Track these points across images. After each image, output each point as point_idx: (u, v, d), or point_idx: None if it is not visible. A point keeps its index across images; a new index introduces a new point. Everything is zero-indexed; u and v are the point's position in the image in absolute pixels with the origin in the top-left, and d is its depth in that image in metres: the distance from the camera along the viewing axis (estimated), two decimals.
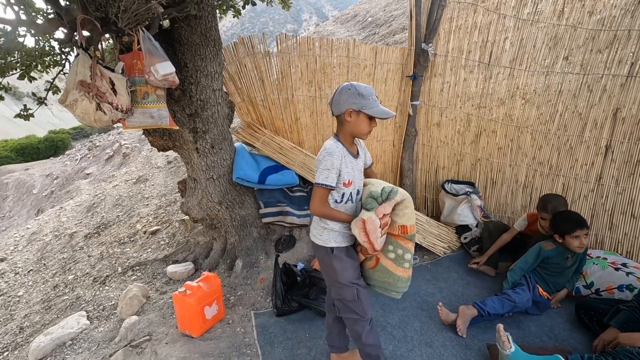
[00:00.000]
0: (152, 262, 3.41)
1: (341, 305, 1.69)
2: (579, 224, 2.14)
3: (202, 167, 2.87)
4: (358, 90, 1.51)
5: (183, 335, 2.23)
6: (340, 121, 1.58)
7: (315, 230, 1.67)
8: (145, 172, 6.40)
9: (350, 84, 1.54)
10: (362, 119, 1.54)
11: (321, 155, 1.54)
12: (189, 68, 2.59)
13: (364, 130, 1.57)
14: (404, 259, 1.55)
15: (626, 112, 2.49)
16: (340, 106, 1.54)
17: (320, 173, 1.52)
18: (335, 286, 1.67)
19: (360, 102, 1.51)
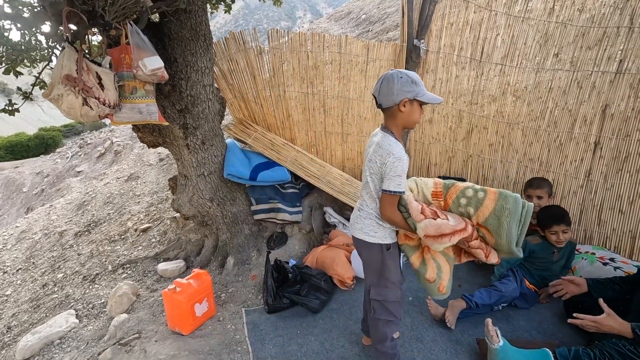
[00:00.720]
0: (142, 260, 3.38)
1: (379, 307, 1.65)
2: (556, 219, 2.16)
3: (193, 163, 2.85)
4: (411, 77, 1.44)
5: (173, 333, 2.22)
6: (392, 113, 1.49)
7: (367, 227, 1.60)
8: (137, 169, 6.33)
9: (399, 71, 1.45)
10: (416, 107, 1.48)
11: (388, 160, 1.44)
12: (178, 63, 2.56)
13: (417, 120, 1.51)
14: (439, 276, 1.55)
15: (614, 108, 2.51)
16: (395, 96, 1.43)
17: (392, 180, 1.45)
18: (382, 285, 1.62)
19: (414, 89, 1.44)
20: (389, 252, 1.59)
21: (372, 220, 1.59)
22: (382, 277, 1.61)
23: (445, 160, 3.29)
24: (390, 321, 1.66)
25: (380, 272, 1.61)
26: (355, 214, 1.68)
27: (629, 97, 2.47)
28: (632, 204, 2.48)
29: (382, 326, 1.67)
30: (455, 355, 1.91)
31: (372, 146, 1.55)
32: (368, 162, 1.55)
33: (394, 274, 1.61)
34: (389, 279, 1.60)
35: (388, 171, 1.45)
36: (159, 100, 2.55)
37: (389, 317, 1.65)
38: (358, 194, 3.14)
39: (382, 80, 1.47)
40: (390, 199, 1.48)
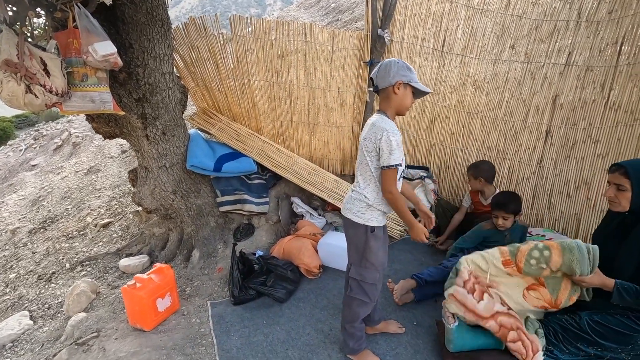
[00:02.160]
0: (103, 256, 3.24)
1: (356, 286, 1.71)
2: (497, 205, 2.30)
3: (154, 155, 2.74)
4: (407, 65, 1.56)
5: (134, 330, 2.15)
6: (387, 95, 1.58)
7: (356, 208, 1.64)
8: (97, 162, 6.03)
9: (396, 59, 1.57)
10: (408, 92, 1.58)
11: (382, 136, 1.49)
12: (134, 49, 2.43)
13: (408, 105, 1.60)
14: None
15: (564, 98, 2.65)
16: (391, 78, 1.53)
17: (390, 154, 1.49)
18: (362, 265, 1.67)
19: (409, 75, 1.55)
20: (373, 234, 1.63)
21: (362, 201, 1.62)
22: (364, 258, 1.66)
23: (410, 150, 3.37)
24: (364, 302, 1.71)
25: (362, 252, 1.66)
26: (348, 194, 1.73)
27: (576, 88, 2.62)
28: (577, 188, 2.66)
29: (356, 306, 1.72)
30: (416, 337, 1.99)
31: (366, 127, 1.62)
32: (363, 140, 1.59)
33: (376, 256, 1.65)
34: (369, 260, 1.65)
35: (383, 147, 1.50)
36: (113, 89, 2.43)
37: (363, 298, 1.70)
38: (325, 184, 3.15)
39: (380, 64, 1.58)
40: (389, 173, 1.52)
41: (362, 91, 3.27)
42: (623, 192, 1.61)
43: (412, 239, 1.64)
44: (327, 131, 3.43)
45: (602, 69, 2.53)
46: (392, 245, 2.96)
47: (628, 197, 1.60)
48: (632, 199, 1.60)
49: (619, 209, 1.66)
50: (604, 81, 2.53)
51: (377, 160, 1.55)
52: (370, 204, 1.61)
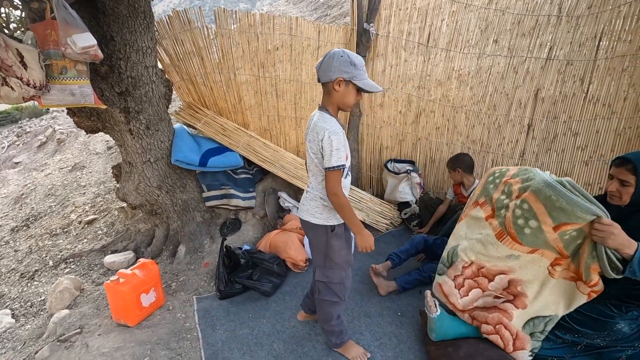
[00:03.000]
0: (88, 253, 3.20)
1: (324, 288, 1.68)
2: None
3: (137, 149, 2.71)
4: (351, 59, 1.41)
5: (118, 326, 2.14)
6: (327, 90, 1.49)
7: (313, 209, 1.59)
8: (82, 159, 5.93)
9: (342, 50, 1.43)
10: (351, 90, 1.46)
11: (324, 137, 1.42)
12: (116, 42, 2.39)
13: (351, 102, 1.50)
14: None
15: (545, 92, 2.70)
16: (331, 73, 1.42)
17: (332, 155, 1.42)
18: (327, 266, 1.63)
19: (351, 71, 1.42)
20: (334, 233, 1.59)
21: (317, 201, 1.58)
22: (327, 259, 1.62)
23: (396, 144, 3.39)
24: (335, 302, 1.69)
25: (325, 253, 1.62)
26: (303, 196, 1.68)
27: (557, 82, 2.67)
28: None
29: (327, 306, 1.71)
30: (400, 327, 2.01)
31: (310, 128, 1.55)
32: (308, 142, 1.55)
33: (338, 255, 1.62)
34: (333, 260, 1.62)
35: (325, 147, 1.43)
36: (95, 82, 2.39)
37: (333, 298, 1.68)
38: None
39: (325, 55, 1.46)
40: (333, 175, 1.46)
41: None
42: (627, 187, 1.53)
43: (359, 247, 1.56)
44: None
45: (581, 63, 2.58)
46: (378, 238, 2.98)
47: (631, 192, 1.53)
48: (633, 194, 1.53)
49: (618, 202, 1.58)
50: (584, 75, 2.58)
51: (322, 161, 1.50)
52: (327, 204, 1.57)
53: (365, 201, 3.18)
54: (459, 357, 1.62)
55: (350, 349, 1.83)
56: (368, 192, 3.40)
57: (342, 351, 1.83)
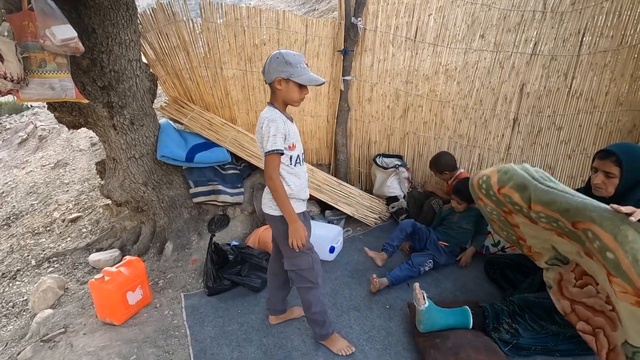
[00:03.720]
0: (72, 252, 3.13)
1: (295, 276, 1.72)
2: (453, 191, 2.52)
3: (122, 145, 2.65)
4: (286, 59, 1.50)
5: (104, 324, 2.10)
6: (272, 89, 1.59)
7: (270, 202, 1.64)
8: (65, 155, 5.78)
9: (278, 52, 1.53)
10: (292, 87, 1.54)
11: (263, 125, 1.52)
12: (97, 34, 2.33)
13: (295, 98, 1.57)
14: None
15: (530, 87, 2.74)
16: (270, 74, 1.53)
17: (268, 141, 1.50)
18: (292, 255, 1.67)
19: (288, 70, 1.50)
20: None
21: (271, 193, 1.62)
22: (289, 248, 1.63)
23: (384, 138, 3.40)
24: (309, 287, 1.72)
25: (286, 243, 1.63)
26: (265, 190, 1.72)
27: (541, 77, 2.71)
28: None
29: (304, 293, 1.74)
30: (388, 320, 2.03)
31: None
32: (257, 135, 1.62)
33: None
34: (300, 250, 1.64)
35: (264, 133, 1.51)
36: (76, 76, 2.32)
37: (307, 284, 1.71)
38: None
39: (267, 58, 1.56)
40: (270, 159, 1.52)
41: (337, 80, 3.26)
42: (611, 179, 1.57)
43: (289, 239, 1.57)
44: (302, 120, 3.41)
45: (565, 59, 2.63)
46: (367, 232, 3.00)
47: (615, 183, 1.57)
48: (618, 185, 1.57)
49: (604, 194, 1.61)
50: (567, 70, 2.62)
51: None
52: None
53: (354, 196, 3.19)
54: (447, 347, 1.65)
55: (335, 342, 1.83)
56: (357, 186, 3.41)
57: (327, 344, 1.84)
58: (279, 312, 2.03)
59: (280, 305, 2.01)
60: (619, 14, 2.40)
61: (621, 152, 1.55)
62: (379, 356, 1.80)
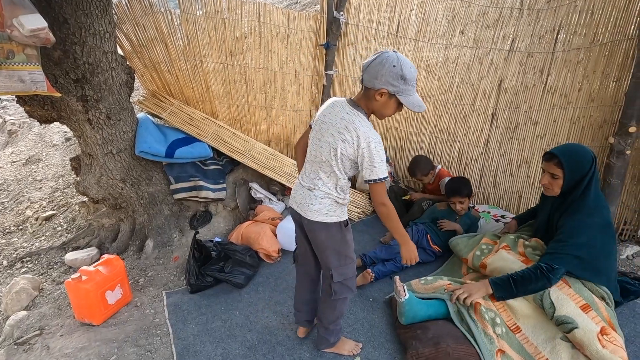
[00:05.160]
0: (46, 251, 3.02)
1: (340, 287, 1.57)
2: (453, 192, 2.50)
3: (98, 140, 2.57)
4: (403, 72, 1.28)
5: (82, 325, 2.05)
6: (368, 95, 1.36)
7: (326, 208, 1.47)
8: (37, 151, 5.55)
9: (396, 56, 1.29)
10: (393, 103, 1.35)
11: (371, 146, 1.34)
12: (70, 25, 2.23)
13: (388, 114, 1.40)
14: None
15: (507, 83, 2.81)
16: (376, 81, 1.30)
17: (379, 166, 1.35)
18: (343, 263, 1.54)
19: (400, 86, 1.29)
20: (347, 228, 1.54)
21: (331, 199, 1.47)
22: (342, 256, 1.54)
23: None
24: (346, 298, 1.64)
25: (340, 251, 1.53)
26: (306, 194, 1.50)
27: (519, 73, 2.78)
28: (519, 167, 2.86)
29: (341, 305, 1.64)
30: (371, 312, 2.06)
31: (336, 121, 1.40)
32: (329, 137, 1.40)
33: (351, 248, 1.58)
34: (348, 256, 1.56)
35: (373, 157, 1.34)
36: (47, 68, 2.22)
37: (348, 294, 1.62)
38: (284, 168, 3.13)
39: (377, 57, 1.31)
40: (380, 186, 1.39)
41: (320, 74, 3.25)
42: (556, 180, 1.72)
43: (403, 259, 1.54)
44: (285, 115, 3.39)
45: (541, 55, 2.70)
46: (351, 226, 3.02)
47: (560, 184, 1.72)
48: (562, 185, 1.72)
49: (551, 194, 1.78)
50: (543, 67, 2.70)
51: (350, 164, 1.42)
52: (340, 201, 1.49)
53: None
54: (428, 338, 1.69)
55: (344, 345, 1.79)
56: None
57: (336, 349, 1.78)
58: (309, 324, 1.87)
59: (311, 314, 1.85)
60: (591, 13, 2.48)
61: (562, 155, 1.70)
62: (362, 348, 1.83)
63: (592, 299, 1.62)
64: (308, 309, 1.83)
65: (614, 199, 2.44)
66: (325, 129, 1.43)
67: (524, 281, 1.64)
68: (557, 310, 1.58)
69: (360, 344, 1.82)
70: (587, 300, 1.60)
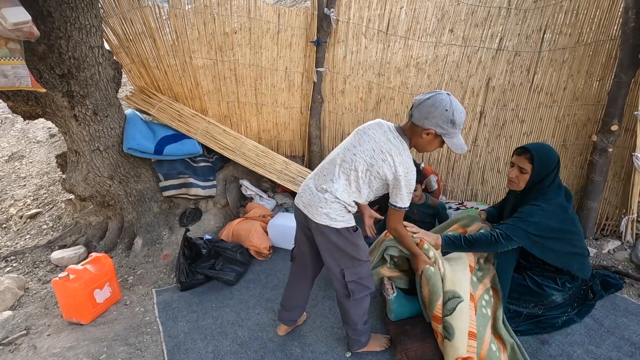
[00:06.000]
0: (32, 250, 2.97)
1: (356, 287, 1.57)
2: None
3: (85, 137, 2.53)
4: (454, 117, 1.34)
5: (70, 324, 2.02)
6: (415, 130, 1.41)
7: (335, 214, 1.46)
8: (21, 147, 5.41)
9: (450, 100, 1.35)
10: (437, 142, 1.43)
11: (409, 175, 1.42)
12: (54, 18, 2.18)
13: (428, 150, 1.50)
14: None
15: (495, 81, 2.85)
16: (426, 121, 1.36)
17: (407, 196, 1.45)
18: (355, 265, 1.55)
19: (447, 130, 1.36)
20: (357, 232, 1.54)
21: (341, 204, 1.47)
22: (354, 258, 1.54)
23: None
24: (366, 296, 1.63)
25: (350, 254, 1.53)
26: (315, 195, 1.49)
27: (506, 72, 2.82)
28: (506, 164, 2.92)
29: (363, 302, 1.64)
30: None
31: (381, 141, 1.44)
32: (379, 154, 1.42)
33: (365, 251, 1.58)
34: (359, 258, 1.56)
35: (404, 185, 1.42)
36: (31, 63, 2.17)
37: (366, 292, 1.61)
38: (275, 165, 3.12)
39: (431, 96, 1.36)
40: (399, 214, 1.51)
41: (310, 71, 3.25)
42: (524, 174, 1.76)
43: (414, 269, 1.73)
44: (275, 112, 3.38)
45: (528, 55, 2.74)
46: None
47: (526, 179, 1.76)
48: (528, 181, 1.76)
49: (516, 188, 1.81)
50: (530, 66, 2.75)
51: (379, 183, 1.46)
52: (349, 208, 1.50)
53: None
54: (416, 333, 1.72)
55: (374, 342, 1.77)
56: None
57: (369, 348, 1.75)
58: (292, 323, 1.88)
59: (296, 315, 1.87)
60: (576, 14, 2.53)
61: (535, 151, 1.75)
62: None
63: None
64: (299, 310, 1.85)
65: (597, 195, 2.51)
66: (367, 141, 1.46)
67: (477, 243, 1.77)
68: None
69: (388, 335, 1.81)
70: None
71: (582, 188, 2.57)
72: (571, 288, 1.80)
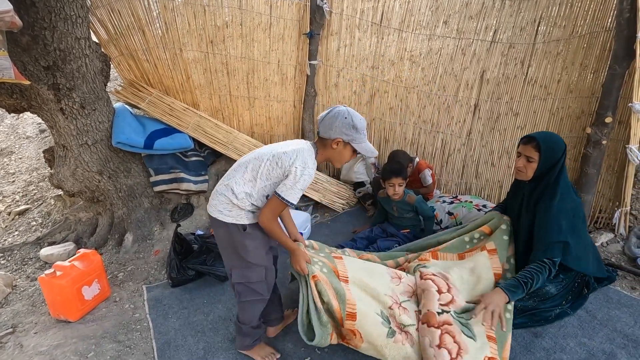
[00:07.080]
0: (20, 247, 2.92)
1: (243, 289, 1.55)
2: (392, 172, 2.36)
3: (72, 131, 2.47)
4: (354, 122, 1.44)
5: (58, 322, 1.98)
6: (324, 143, 1.50)
7: (221, 206, 1.47)
8: (9, 143, 5.32)
9: (347, 110, 1.46)
10: (348, 150, 1.51)
11: (299, 171, 1.40)
12: (38, 8, 2.12)
13: (344, 160, 1.55)
14: None
15: (490, 74, 2.83)
16: (331, 132, 1.45)
17: (293, 191, 1.41)
18: (241, 267, 1.52)
19: (352, 134, 1.46)
20: (247, 233, 1.49)
21: (224, 197, 1.47)
22: (238, 258, 1.52)
23: None
24: (258, 300, 1.59)
25: (240, 253, 1.51)
26: (216, 189, 1.53)
27: (500, 64, 2.80)
28: (500, 158, 2.90)
29: (251, 307, 1.59)
30: None
31: (289, 143, 1.52)
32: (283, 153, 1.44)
33: (254, 256, 1.52)
34: (246, 260, 1.51)
35: (296, 178, 1.40)
36: (15, 54, 2.12)
37: (256, 297, 1.58)
38: None
39: (330, 110, 1.48)
40: (280, 205, 1.43)
41: (303, 64, 3.20)
42: (531, 163, 1.73)
43: (293, 266, 1.59)
44: (268, 106, 3.33)
45: (522, 47, 2.72)
46: (335, 218, 3.02)
47: (534, 168, 1.73)
48: (536, 170, 1.73)
49: (524, 178, 1.78)
50: (524, 58, 2.72)
51: (275, 177, 1.45)
52: (237, 203, 1.46)
53: (321, 182, 3.18)
54: None
55: (259, 350, 1.70)
56: (324, 173, 3.40)
57: (251, 353, 1.70)
58: (278, 322, 1.84)
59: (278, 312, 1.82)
60: (570, 5, 2.50)
61: (541, 139, 1.72)
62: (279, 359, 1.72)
63: None
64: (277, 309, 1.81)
65: (590, 187, 2.50)
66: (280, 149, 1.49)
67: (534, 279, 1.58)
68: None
69: (278, 354, 1.71)
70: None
71: (576, 181, 2.56)
72: (564, 279, 1.79)
